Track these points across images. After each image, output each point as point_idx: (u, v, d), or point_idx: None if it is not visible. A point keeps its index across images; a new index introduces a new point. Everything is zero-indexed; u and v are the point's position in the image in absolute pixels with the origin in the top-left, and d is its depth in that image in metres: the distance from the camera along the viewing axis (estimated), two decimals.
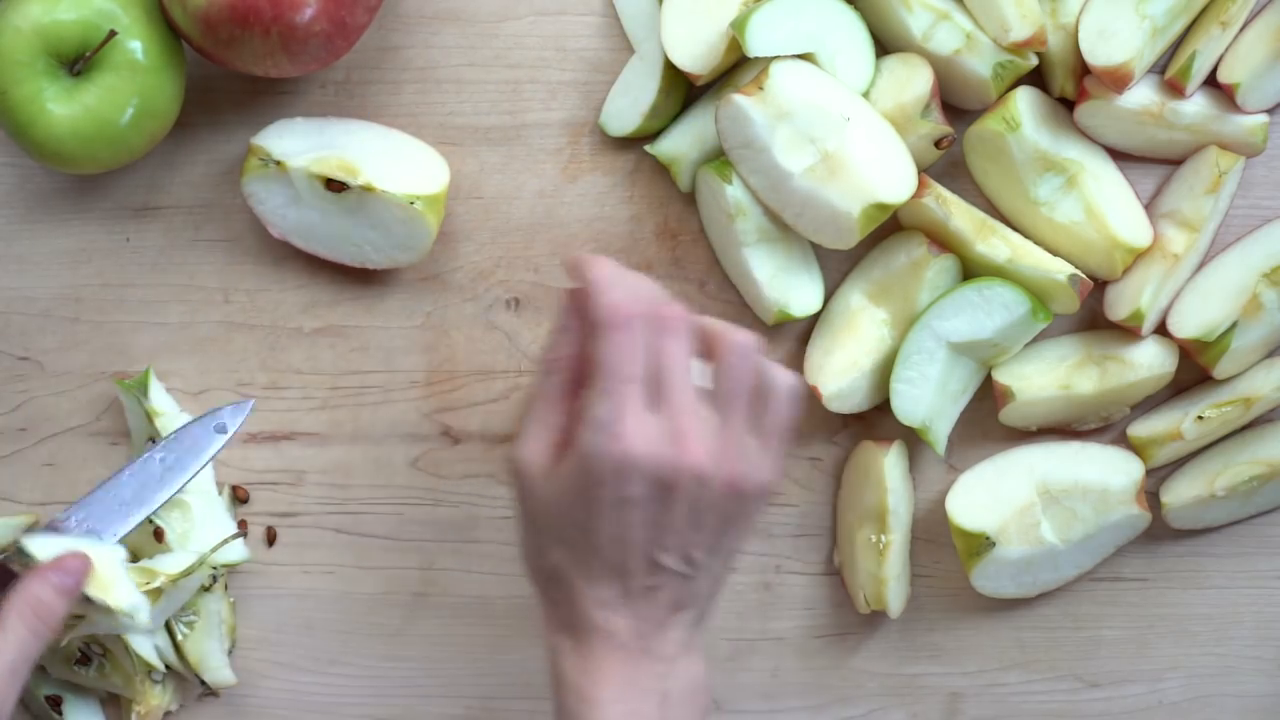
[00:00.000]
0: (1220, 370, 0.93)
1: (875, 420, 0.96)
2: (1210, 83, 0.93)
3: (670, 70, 0.92)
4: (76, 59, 0.87)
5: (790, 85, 0.89)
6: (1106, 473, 0.93)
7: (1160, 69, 0.93)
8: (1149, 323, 0.92)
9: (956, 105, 0.93)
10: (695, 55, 0.92)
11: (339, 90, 0.95)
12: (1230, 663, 0.97)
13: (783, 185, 0.90)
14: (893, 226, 0.94)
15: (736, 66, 0.93)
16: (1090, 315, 0.95)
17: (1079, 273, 0.91)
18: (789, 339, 0.96)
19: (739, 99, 0.89)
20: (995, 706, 0.97)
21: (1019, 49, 0.90)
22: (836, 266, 0.95)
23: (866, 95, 0.92)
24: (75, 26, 0.86)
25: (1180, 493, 0.95)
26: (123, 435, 0.96)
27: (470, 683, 0.97)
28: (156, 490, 0.89)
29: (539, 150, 0.95)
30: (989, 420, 0.95)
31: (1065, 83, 0.92)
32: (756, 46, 0.89)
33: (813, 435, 0.96)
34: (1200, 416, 0.93)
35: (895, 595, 0.94)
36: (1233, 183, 0.93)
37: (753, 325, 0.95)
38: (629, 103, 0.94)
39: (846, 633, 0.97)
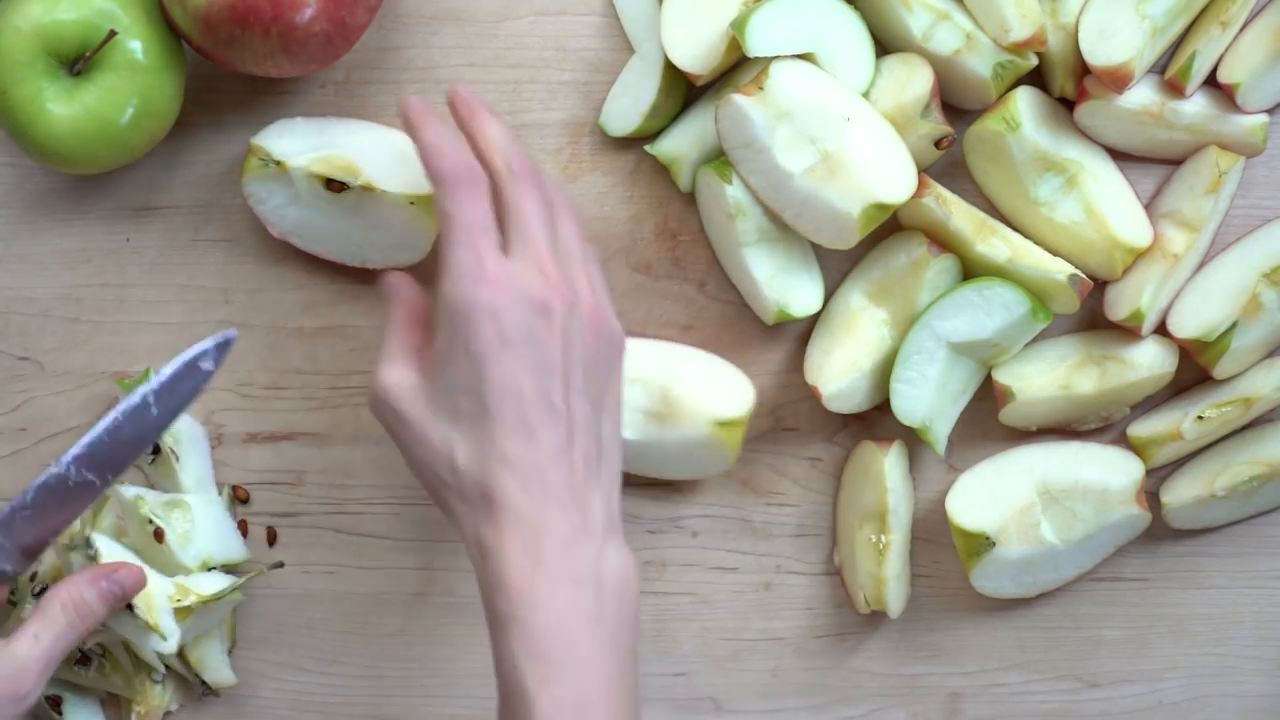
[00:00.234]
0: (1220, 370, 0.93)
1: (875, 420, 0.96)
2: (1210, 83, 0.93)
3: (670, 70, 0.92)
4: (76, 59, 0.87)
5: (790, 85, 0.89)
6: (1106, 473, 0.93)
7: (1160, 69, 0.93)
8: (1149, 323, 0.92)
9: (956, 105, 0.93)
10: (695, 55, 0.92)
11: (339, 90, 0.95)
12: (1230, 663, 0.97)
13: (783, 185, 0.90)
14: (893, 226, 0.94)
15: (736, 66, 0.93)
16: (1090, 315, 0.95)
17: (1079, 273, 0.91)
18: (789, 339, 0.96)
19: (739, 99, 0.89)
20: (995, 706, 0.97)
21: (1019, 49, 0.90)
22: (836, 266, 0.95)
23: (866, 95, 0.92)
24: (75, 26, 0.86)
25: (1180, 493, 0.95)
26: None
27: (470, 683, 0.97)
28: (156, 428, 0.86)
29: (539, 150, 0.95)
30: (989, 420, 0.95)
31: (1065, 83, 0.92)
32: (756, 46, 0.89)
33: (813, 435, 0.96)
34: (1200, 416, 0.93)
35: (895, 595, 0.94)
36: (1233, 183, 0.93)
37: (753, 325, 0.95)
38: (629, 103, 0.94)
39: (846, 633, 0.97)
